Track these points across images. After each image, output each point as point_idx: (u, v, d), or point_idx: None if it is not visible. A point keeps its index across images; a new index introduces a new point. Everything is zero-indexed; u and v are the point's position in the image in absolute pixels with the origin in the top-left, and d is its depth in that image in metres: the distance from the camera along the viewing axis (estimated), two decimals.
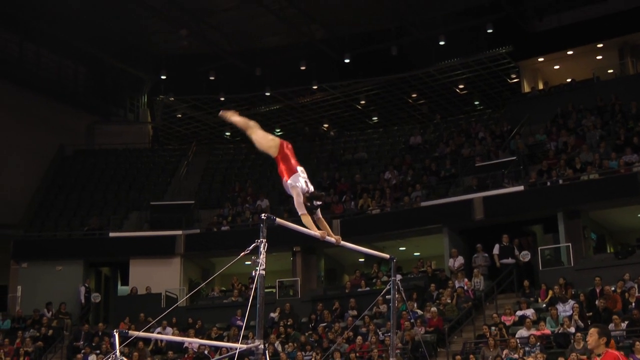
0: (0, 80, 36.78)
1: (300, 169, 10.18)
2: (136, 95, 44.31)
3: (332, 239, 10.28)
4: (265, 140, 10.48)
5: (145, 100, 44.18)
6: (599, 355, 10.01)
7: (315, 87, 41.49)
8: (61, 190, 37.27)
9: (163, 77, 40.85)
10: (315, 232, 10.07)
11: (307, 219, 9.99)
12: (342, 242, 10.63)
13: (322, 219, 10.34)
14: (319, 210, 10.22)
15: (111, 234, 32.69)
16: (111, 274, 34.55)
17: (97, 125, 41.78)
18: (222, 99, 42.28)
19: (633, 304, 22.15)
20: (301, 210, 9.96)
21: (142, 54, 40.46)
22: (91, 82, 42.68)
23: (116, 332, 9.83)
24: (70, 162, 39.24)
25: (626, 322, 21.21)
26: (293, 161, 10.27)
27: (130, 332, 10.17)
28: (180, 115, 45.30)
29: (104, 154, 40.04)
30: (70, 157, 39.52)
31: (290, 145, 10.45)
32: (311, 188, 10.06)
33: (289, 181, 10.09)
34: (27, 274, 31.96)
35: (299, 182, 10.03)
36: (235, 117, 10.88)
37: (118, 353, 9.57)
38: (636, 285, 22.84)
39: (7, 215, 34.99)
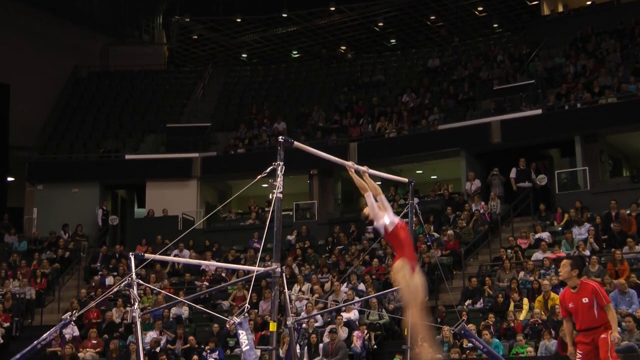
0: (13, 1, 36.50)
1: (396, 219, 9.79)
2: (151, 16, 43.94)
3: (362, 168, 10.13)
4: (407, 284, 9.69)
5: (161, 21, 43.84)
6: (573, 288, 10.21)
7: (332, 9, 41.09)
8: (76, 112, 37.15)
9: None
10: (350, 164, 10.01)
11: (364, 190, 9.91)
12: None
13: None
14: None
15: (127, 157, 32.62)
16: (127, 196, 34.65)
17: (112, 47, 41.51)
18: (239, 20, 42.01)
19: None
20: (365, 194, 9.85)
21: None
22: (105, 3, 42.32)
23: (132, 255, 9.84)
24: (85, 84, 39.06)
25: None
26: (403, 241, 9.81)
27: (146, 255, 10.18)
28: (196, 37, 45.05)
29: (119, 75, 39.85)
30: (85, 78, 39.32)
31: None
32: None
33: (389, 229, 9.72)
34: (43, 196, 32.04)
35: (381, 220, 9.71)
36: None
37: (134, 275, 9.58)
38: None
39: (21, 137, 35.02)
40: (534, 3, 40.30)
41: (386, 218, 9.65)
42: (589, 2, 36.02)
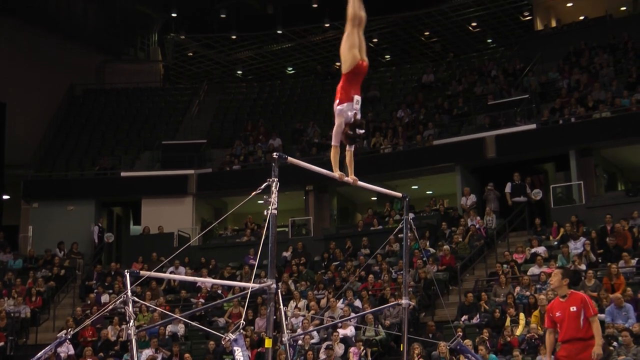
0: (9, 18, 36.46)
1: (357, 98, 9.60)
2: (146, 33, 44.00)
3: (349, 179, 10.09)
4: (348, 50, 9.70)
5: (156, 38, 43.91)
6: (563, 297, 10.31)
7: (327, 25, 41.15)
8: (72, 129, 37.15)
9: (173, 15, 40.56)
10: (334, 172, 9.84)
11: (335, 152, 9.63)
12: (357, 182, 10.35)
13: (352, 156, 9.95)
14: (353, 146, 9.82)
15: (123, 174, 32.60)
16: (123, 213, 34.61)
17: (108, 64, 41.53)
18: (234, 37, 42.08)
19: None
20: (335, 140, 9.56)
21: None
22: (101, 20, 42.33)
23: (127, 272, 9.81)
24: (81, 101, 39.06)
25: (636, 259, 21.27)
26: (355, 88, 9.67)
27: (141, 272, 10.16)
28: (191, 54, 45.10)
29: (115, 93, 39.88)
30: (81, 96, 39.31)
31: (365, 70, 9.82)
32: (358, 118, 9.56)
33: (338, 107, 9.56)
34: (38, 214, 31.96)
35: (348, 111, 9.52)
36: None
37: (129, 293, 9.56)
38: None
39: (17, 154, 34.87)
40: (527, 18, 40.42)
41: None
42: (581, 17, 36.13)
